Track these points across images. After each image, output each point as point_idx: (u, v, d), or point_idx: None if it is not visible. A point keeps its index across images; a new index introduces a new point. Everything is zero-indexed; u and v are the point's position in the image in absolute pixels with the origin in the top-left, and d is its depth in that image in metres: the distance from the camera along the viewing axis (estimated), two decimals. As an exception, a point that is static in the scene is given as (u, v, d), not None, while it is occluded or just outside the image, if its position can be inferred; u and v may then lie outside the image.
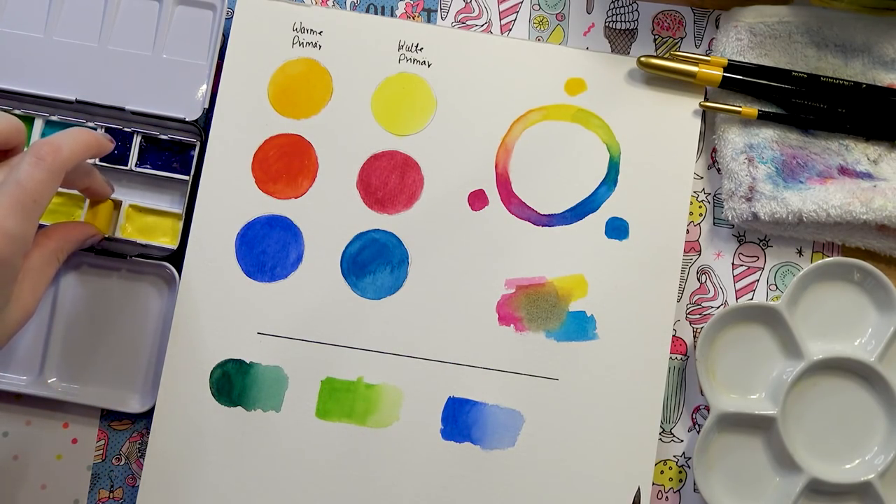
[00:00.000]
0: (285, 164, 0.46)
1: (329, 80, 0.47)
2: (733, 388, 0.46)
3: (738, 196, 0.46)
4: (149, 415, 0.44)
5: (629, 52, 0.49)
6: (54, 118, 0.47)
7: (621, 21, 0.49)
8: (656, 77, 0.47)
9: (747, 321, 0.46)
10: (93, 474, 0.45)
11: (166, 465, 0.44)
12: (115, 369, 0.45)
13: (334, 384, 0.45)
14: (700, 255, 0.48)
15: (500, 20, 0.49)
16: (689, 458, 0.46)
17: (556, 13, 0.49)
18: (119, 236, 0.46)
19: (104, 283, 0.46)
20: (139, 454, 0.46)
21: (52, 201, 0.46)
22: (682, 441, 0.46)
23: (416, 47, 0.47)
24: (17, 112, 0.46)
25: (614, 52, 0.49)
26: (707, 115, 0.48)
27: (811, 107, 0.46)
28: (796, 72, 0.47)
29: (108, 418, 0.46)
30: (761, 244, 0.48)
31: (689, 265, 0.47)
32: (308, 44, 0.47)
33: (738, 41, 0.47)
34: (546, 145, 0.47)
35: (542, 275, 0.46)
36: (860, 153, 0.47)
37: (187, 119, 0.46)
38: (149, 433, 0.44)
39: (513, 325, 0.45)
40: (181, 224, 0.46)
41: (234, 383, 0.45)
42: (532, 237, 0.46)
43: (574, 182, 0.46)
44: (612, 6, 0.49)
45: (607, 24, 0.49)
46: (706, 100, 0.47)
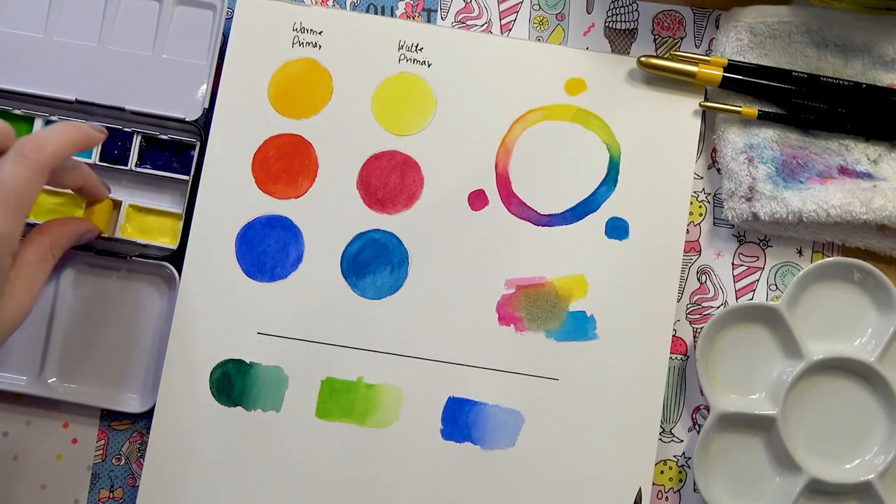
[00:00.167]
0: (285, 164, 0.46)
1: (329, 80, 0.47)
2: (733, 388, 0.46)
3: (738, 196, 0.46)
4: (149, 415, 0.44)
5: (629, 52, 0.49)
6: (54, 118, 0.47)
7: (621, 21, 0.49)
8: (656, 77, 0.47)
9: (747, 321, 0.46)
10: (93, 474, 0.45)
11: (166, 465, 0.44)
12: (115, 369, 0.45)
13: (334, 384, 0.45)
14: (700, 255, 0.48)
15: (500, 20, 0.49)
16: (689, 458, 0.46)
17: (556, 13, 0.49)
18: (119, 236, 0.46)
19: (104, 283, 0.46)
20: (139, 454, 0.46)
21: (51, 202, 0.46)
22: (682, 441, 0.46)
23: (416, 47, 0.47)
24: (17, 112, 0.46)
25: (614, 52, 0.49)
26: (707, 115, 0.48)
27: (811, 107, 0.46)
28: (796, 72, 0.47)
29: (108, 418, 0.46)
30: (761, 244, 0.48)
31: (689, 265, 0.47)
32: (308, 44, 0.47)
33: (738, 41, 0.47)
34: (546, 145, 0.47)
35: (542, 275, 0.46)
36: (860, 153, 0.47)
37: (187, 119, 0.46)
38: (149, 433, 0.44)
39: (513, 325, 0.45)
40: (181, 224, 0.46)
41: (234, 383, 0.45)
42: (532, 237, 0.46)
43: (574, 182, 0.46)
44: (612, 6, 0.49)
45: (607, 24, 0.49)
46: (706, 100, 0.47)
